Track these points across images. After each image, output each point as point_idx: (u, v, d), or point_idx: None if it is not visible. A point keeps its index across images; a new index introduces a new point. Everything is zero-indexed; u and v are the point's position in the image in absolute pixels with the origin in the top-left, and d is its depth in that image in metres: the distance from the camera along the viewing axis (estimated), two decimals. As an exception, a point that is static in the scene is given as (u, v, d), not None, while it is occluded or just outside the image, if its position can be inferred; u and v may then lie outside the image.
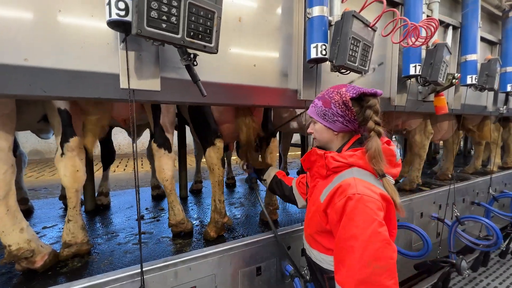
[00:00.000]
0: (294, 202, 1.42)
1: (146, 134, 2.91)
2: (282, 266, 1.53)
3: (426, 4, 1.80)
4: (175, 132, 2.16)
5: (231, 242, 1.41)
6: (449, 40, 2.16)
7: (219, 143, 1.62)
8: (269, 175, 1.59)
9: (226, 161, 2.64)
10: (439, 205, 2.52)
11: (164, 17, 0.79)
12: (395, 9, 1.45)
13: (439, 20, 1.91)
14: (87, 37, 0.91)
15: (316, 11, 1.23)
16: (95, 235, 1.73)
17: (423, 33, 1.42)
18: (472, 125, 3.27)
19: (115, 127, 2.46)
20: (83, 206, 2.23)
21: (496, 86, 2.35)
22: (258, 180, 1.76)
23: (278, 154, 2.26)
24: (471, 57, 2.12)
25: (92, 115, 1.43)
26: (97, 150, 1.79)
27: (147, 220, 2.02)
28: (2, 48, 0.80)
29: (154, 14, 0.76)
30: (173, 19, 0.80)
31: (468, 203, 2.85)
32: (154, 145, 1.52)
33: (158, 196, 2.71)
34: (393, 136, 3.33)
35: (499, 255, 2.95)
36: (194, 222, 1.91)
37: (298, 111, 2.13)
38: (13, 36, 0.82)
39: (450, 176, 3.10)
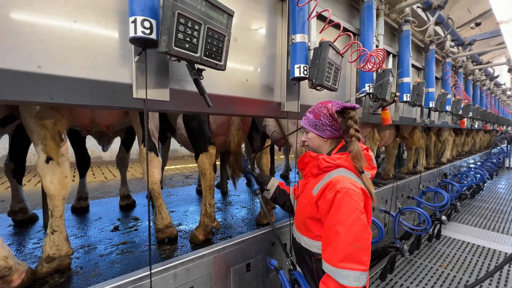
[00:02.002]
0: (292, 208, 1.56)
1: (118, 143, 2.77)
2: (267, 261, 1.68)
3: (375, 36, 2.23)
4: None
5: (223, 242, 1.50)
6: (390, 65, 2.67)
7: (212, 150, 1.72)
8: (273, 185, 1.67)
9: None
10: (385, 200, 3.02)
11: (188, 39, 0.89)
12: (349, 33, 1.77)
13: (383, 49, 2.37)
14: (101, 47, 0.95)
15: (298, 37, 1.46)
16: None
17: (377, 60, 1.79)
18: (406, 133, 3.99)
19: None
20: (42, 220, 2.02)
21: (423, 103, 2.97)
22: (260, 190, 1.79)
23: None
24: (406, 79, 2.67)
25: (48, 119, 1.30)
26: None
27: (124, 231, 1.94)
28: (16, 54, 0.79)
29: (180, 35, 0.87)
30: (195, 40, 0.92)
31: (405, 197, 3.46)
32: (144, 149, 1.53)
33: (128, 206, 2.59)
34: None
35: (427, 239, 3.64)
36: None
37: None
38: (28, 44, 0.81)
39: (391, 176, 3.71)
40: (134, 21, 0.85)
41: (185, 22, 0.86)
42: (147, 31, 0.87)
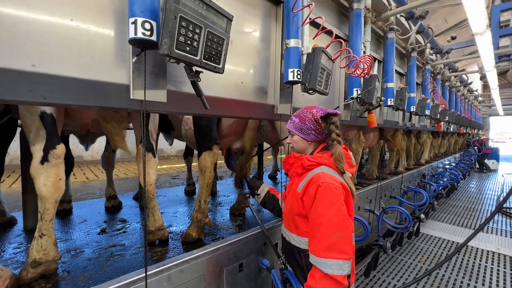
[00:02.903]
0: (281, 212, 1.61)
1: (100, 142, 2.68)
2: (259, 261, 1.71)
3: (363, 42, 2.32)
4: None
5: (217, 243, 1.51)
6: (376, 71, 2.79)
7: (216, 149, 1.74)
8: (263, 190, 1.74)
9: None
10: (370, 200, 3.14)
11: (189, 42, 0.90)
12: (341, 40, 1.85)
13: (370, 55, 2.48)
14: (97, 47, 0.93)
15: (292, 42, 1.50)
16: (54, 254, 1.54)
17: (364, 66, 1.87)
18: (388, 136, 4.17)
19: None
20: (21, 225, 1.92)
21: (405, 107, 3.13)
22: (250, 195, 1.85)
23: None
24: (390, 85, 2.80)
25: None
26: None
27: (112, 233, 1.89)
28: (10, 52, 0.76)
29: (181, 38, 0.87)
30: (195, 43, 0.92)
31: (388, 197, 3.62)
32: (142, 150, 1.50)
33: (114, 207, 2.52)
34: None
35: (407, 237, 3.83)
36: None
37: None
38: (22, 42, 0.78)
39: (375, 176, 3.87)
40: (135, 22, 0.85)
41: (186, 26, 0.87)
42: (148, 33, 0.86)
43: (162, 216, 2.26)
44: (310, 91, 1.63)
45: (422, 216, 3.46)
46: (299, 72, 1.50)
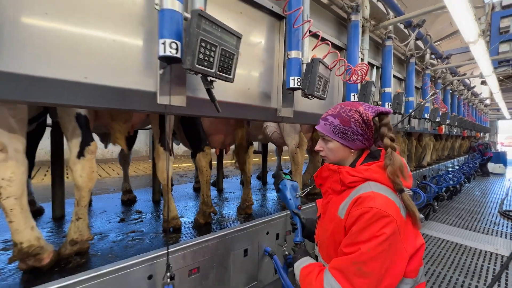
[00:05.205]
0: None
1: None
2: (262, 248, 1.90)
3: (361, 50, 2.50)
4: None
5: (225, 229, 1.71)
6: (374, 76, 2.96)
7: (208, 150, 1.97)
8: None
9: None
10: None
11: (206, 58, 1.11)
12: (336, 51, 2.02)
13: (368, 62, 2.66)
14: (130, 61, 1.15)
15: (293, 54, 1.69)
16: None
17: (359, 74, 2.06)
18: (388, 138, 4.32)
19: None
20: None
21: (402, 111, 3.28)
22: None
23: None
24: (387, 89, 2.97)
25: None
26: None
27: (130, 222, 2.11)
28: (67, 66, 0.98)
29: (201, 56, 1.08)
30: (211, 59, 1.13)
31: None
32: (161, 149, 1.73)
33: (129, 201, 2.75)
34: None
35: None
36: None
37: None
38: (78, 58, 1.00)
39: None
40: (164, 43, 1.06)
41: (205, 45, 1.08)
42: (174, 51, 1.07)
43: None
44: (309, 97, 1.82)
45: (421, 216, 3.59)
46: (299, 80, 1.69)
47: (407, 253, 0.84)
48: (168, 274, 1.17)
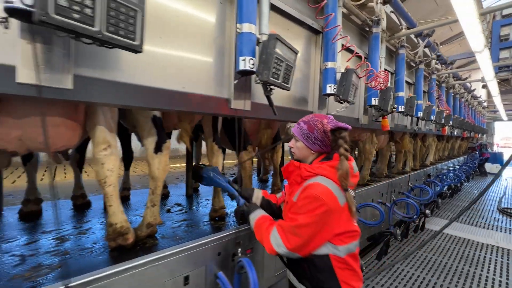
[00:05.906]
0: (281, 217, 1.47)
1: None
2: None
3: (380, 59, 2.77)
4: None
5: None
6: (389, 82, 3.23)
7: (250, 148, 2.22)
8: (258, 197, 1.60)
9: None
10: (381, 193, 3.57)
11: (276, 71, 1.36)
12: (367, 62, 2.29)
13: (384, 69, 2.93)
14: (211, 73, 1.39)
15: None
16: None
17: (381, 79, 2.32)
18: (397, 138, 4.60)
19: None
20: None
21: (413, 113, 3.56)
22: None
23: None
24: (401, 94, 3.24)
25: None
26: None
27: (176, 213, 2.35)
28: (172, 79, 1.23)
29: (273, 70, 1.33)
30: (279, 72, 1.38)
31: (397, 192, 4.04)
32: (216, 146, 1.96)
33: (164, 195, 2.97)
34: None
35: (413, 231, 4.24)
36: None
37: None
38: (178, 73, 1.25)
39: (384, 175, 4.29)
40: (244, 60, 1.31)
41: (277, 62, 1.33)
42: (251, 66, 1.32)
43: (209, 202, 2.72)
44: (341, 101, 2.08)
45: (428, 211, 3.87)
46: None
47: (334, 230, 1.12)
48: (240, 249, 1.42)
